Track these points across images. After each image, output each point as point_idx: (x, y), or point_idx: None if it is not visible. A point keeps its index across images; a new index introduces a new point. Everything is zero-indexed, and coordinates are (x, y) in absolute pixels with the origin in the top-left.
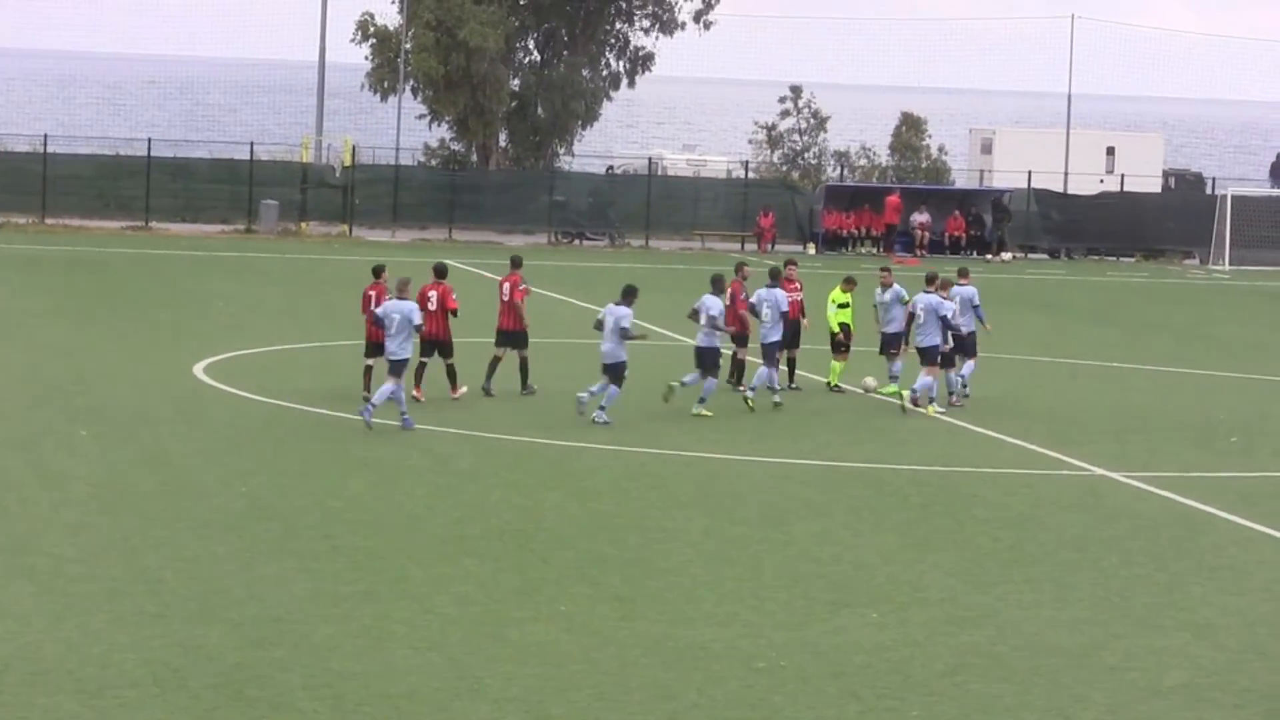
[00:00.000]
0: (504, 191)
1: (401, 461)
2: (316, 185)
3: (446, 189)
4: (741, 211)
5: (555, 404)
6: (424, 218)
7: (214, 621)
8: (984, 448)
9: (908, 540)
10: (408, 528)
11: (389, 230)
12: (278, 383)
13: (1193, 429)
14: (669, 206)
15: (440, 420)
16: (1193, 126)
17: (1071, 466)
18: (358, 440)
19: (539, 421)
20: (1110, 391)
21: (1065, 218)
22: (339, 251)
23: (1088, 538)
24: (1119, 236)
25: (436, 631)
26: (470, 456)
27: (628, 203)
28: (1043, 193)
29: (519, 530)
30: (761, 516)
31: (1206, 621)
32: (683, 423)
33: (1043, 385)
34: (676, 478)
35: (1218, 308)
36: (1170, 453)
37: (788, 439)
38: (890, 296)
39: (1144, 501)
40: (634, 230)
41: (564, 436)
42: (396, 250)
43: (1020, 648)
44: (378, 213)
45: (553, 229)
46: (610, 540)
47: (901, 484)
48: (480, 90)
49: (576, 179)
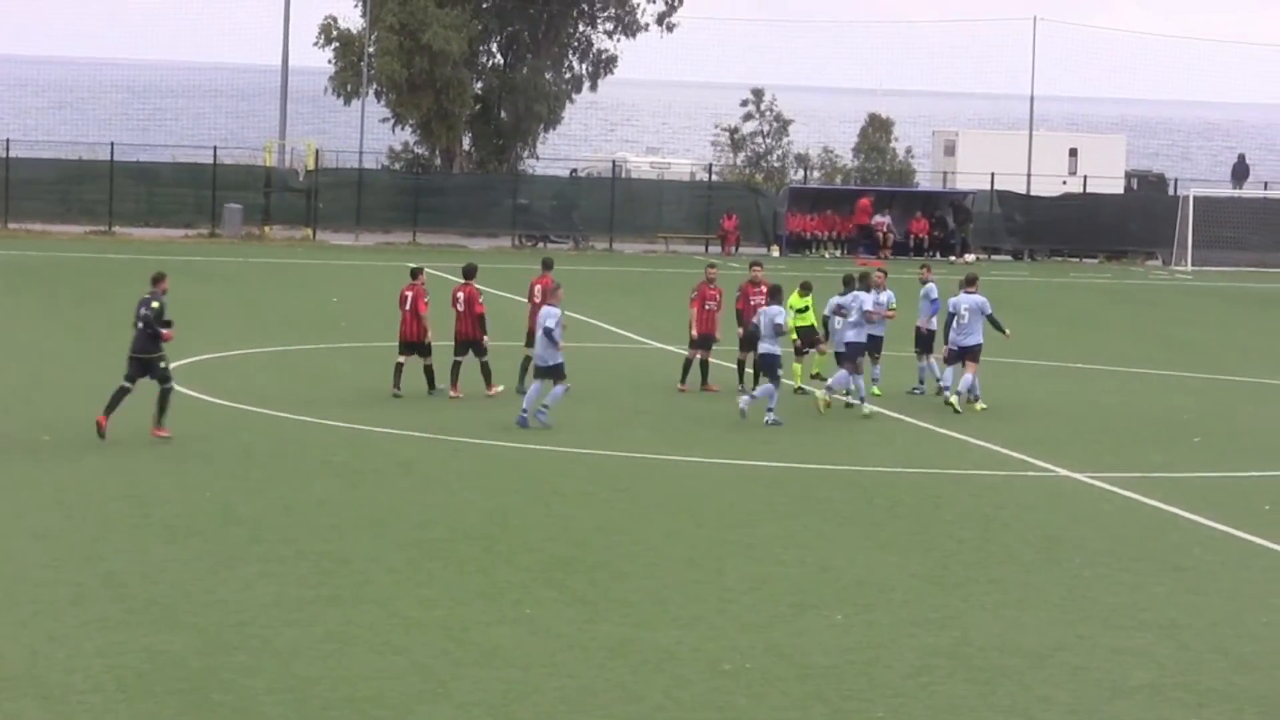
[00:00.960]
0: (468, 195)
1: (366, 465)
2: (280, 189)
3: (410, 192)
4: (705, 214)
5: (518, 409)
6: (388, 221)
7: (178, 627)
8: (949, 449)
9: (873, 542)
10: (372, 532)
11: (353, 234)
12: (242, 387)
13: (1157, 430)
14: (633, 209)
15: (405, 424)
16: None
17: (1036, 468)
18: (322, 444)
19: (504, 425)
20: (1074, 393)
21: (1028, 219)
22: (303, 255)
23: (1052, 539)
24: (1082, 238)
25: (401, 635)
26: (435, 460)
27: (591, 205)
28: (1006, 194)
29: (483, 534)
30: (726, 519)
31: (1170, 621)
32: (646, 426)
33: (1007, 387)
34: (641, 481)
35: (1181, 309)
36: (1134, 453)
37: (752, 441)
38: (923, 293)
39: (1108, 502)
40: (598, 233)
41: (529, 440)
42: (360, 254)
43: (985, 648)
44: (342, 216)
45: (516, 232)
46: (575, 543)
47: (866, 485)
48: (444, 94)
49: (540, 182)
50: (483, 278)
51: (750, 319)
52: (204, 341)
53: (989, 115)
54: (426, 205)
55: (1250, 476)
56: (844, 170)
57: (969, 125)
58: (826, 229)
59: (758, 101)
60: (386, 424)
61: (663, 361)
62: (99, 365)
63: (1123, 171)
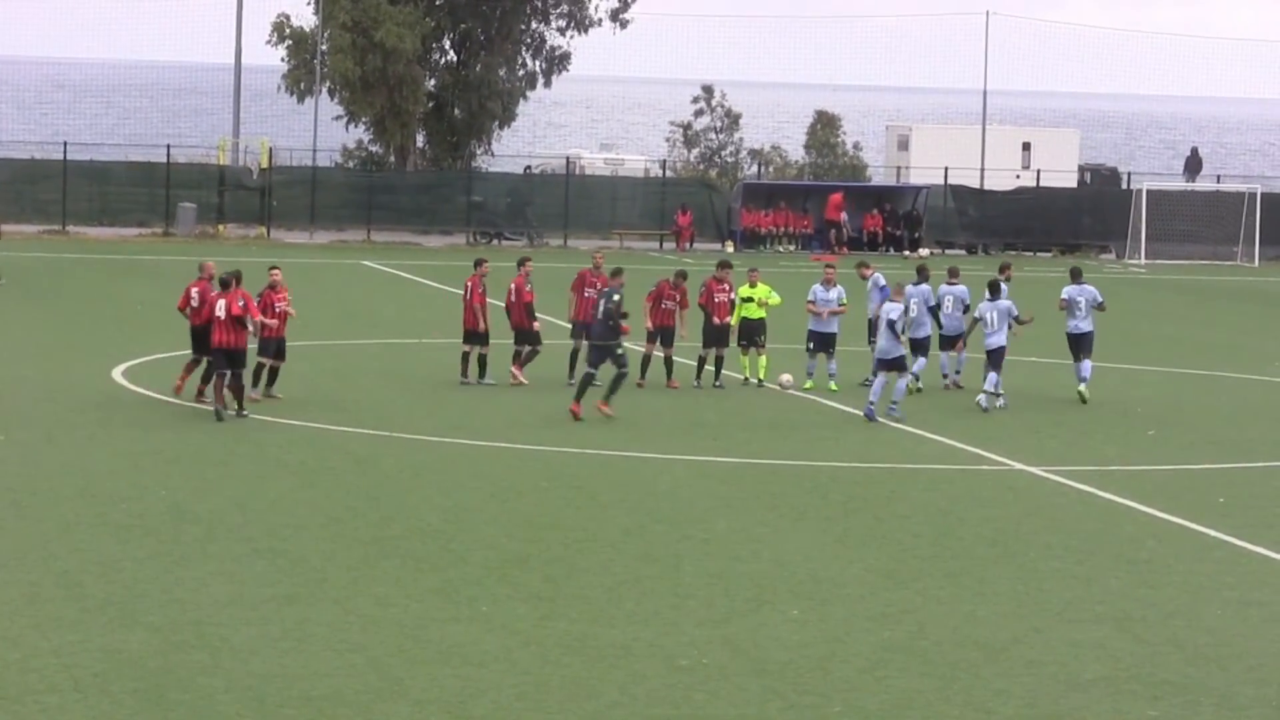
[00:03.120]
0: (422, 192)
1: (321, 463)
2: (234, 188)
3: (364, 190)
4: (659, 210)
5: (475, 404)
6: (342, 219)
7: (134, 626)
8: (904, 444)
9: (828, 537)
10: (328, 529)
11: (307, 232)
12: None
13: (1111, 423)
14: (587, 206)
15: (360, 421)
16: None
17: (991, 462)
18: (277, 442)
19: (460, 422)
20: (1027, 386)
21: (982, 213)
22: (257, 254)
23: (1007, 532)
24: (1035, 231)
25: (357, 633)
26: (390, 458)
27: (546, 202)
28: (959, 189)
29: (439, 531)
30: (681, 514)
31: (1125, 614)
32: (604, 423)
33: (961, 381)
34: (596, 477)
35: (1134, 301)
36: (1088, 447)
37: (707, 436)
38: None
39: (1063, 496)
40: (552, 230)
41: (484, 437)
42: (314, 252)
43: (941, 642)
44: (295, 214)
45: (470, 229)
46: (530, 540)
47: (821, 480)
48: (397, 91)
49: (494, 179)
50: (437, 274)
51: (718, 315)
52: (157, 340)
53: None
54: (380, 203)
55: (1204, 469)
56: (795, 166)
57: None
58: (781, 224)
59: (708, 98)
60: (343, 422)
61: None
62: (53, 364)
63: (1076, 165)
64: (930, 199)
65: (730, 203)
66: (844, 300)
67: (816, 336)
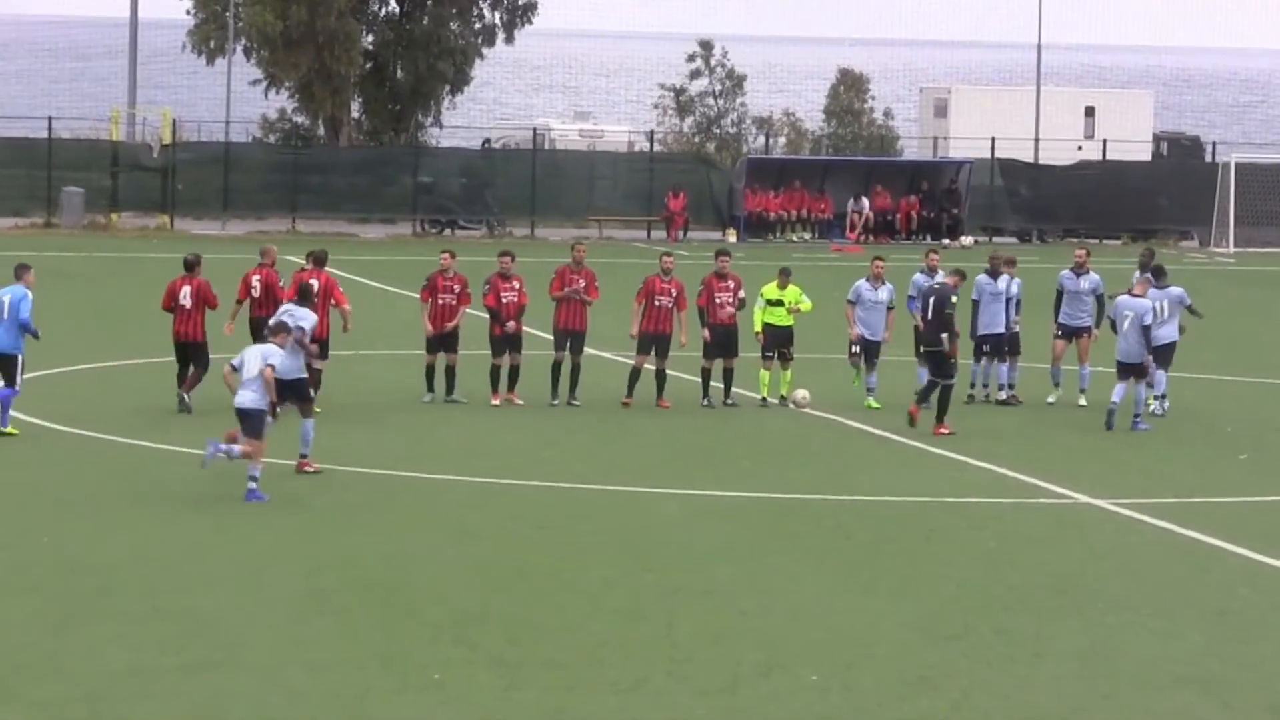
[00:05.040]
0: (358, 172)
1: (239, 502)
2: (130, 168)
3: (288, 170)
4: (647, 192)
5: (425, 430)
6: (261, 206)
7: (13, 700)
8: (944, 472)
9: (853, 585)
10: (248, 582)
11: (219, 221)
12: (87, 409)
13: (1194, 445)
14: (558, 187)
15: (285, 451)
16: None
17: (1049, 493)
18: (187, 477)
19: (407, 450)
20: (1094, 403)
21: (1036, 193)
22: (159, 248)
23: (1070, 579)
24: (1101, 215)
25: (284, 708)
26: (324, 494)
27: (508, 183)
28: (1009, 163)
29: (383, 582)
30: (675, 560)
31: (1212, 676)
32: (581, 450)
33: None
34: (573, 516)
35: (1221, 298)
36: (1167, 474)
37: (708, 466)
38: (1004, 287)
39: (1137, 534)
40: (517, 217)
41: (437, 468)
42: (228, 246)
43: (990, 713)
44: (205, 200)
45: (418, 216)
46: (493, 593)
47: (845, 518)
48: (327, 50)
49: (446, 156)
50: (378, 272)
51: (717, 316)
52: (38, 354)
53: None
54: (308, 186)
55: None
56: (812, 137)
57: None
58: (793, 208)
59: (706, 55)
60: (265, 452)
61: (601, 371)
62: None
63: (1150, 134)
64: (974, 176)
65: (732, 182)
66: (894, 301)
67: (864, 344)
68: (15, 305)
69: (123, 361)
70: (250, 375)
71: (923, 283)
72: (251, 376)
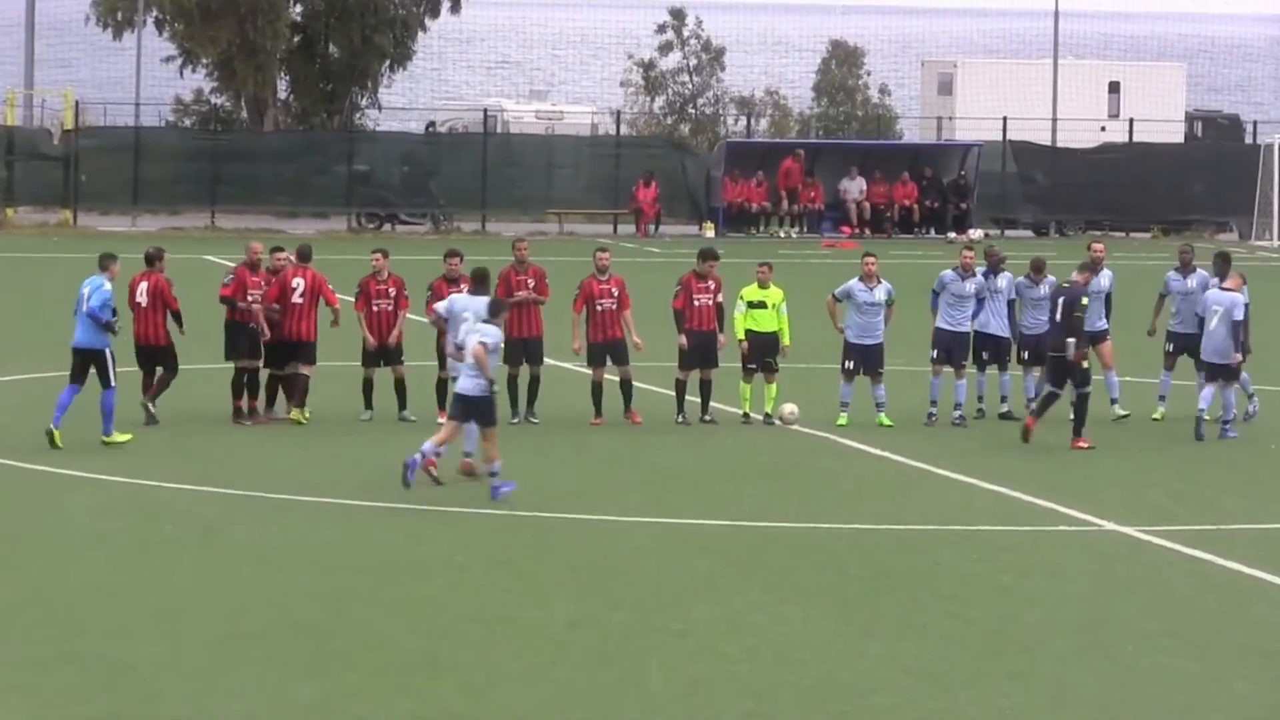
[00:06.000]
0: (286, 160)
1: (151, 533)
2: (27, 157)
3: (207, 158)
4: (612, 181)
5: (363, 451)
6: (177, 198)
7: None
8: (950, 497)
9: (849, 626)
10: (161, 625)
11: (128, 216)
12: None
13: (1234, 466)
14: (512, 176)
15: (204, 475)
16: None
17: (1070, 520)
18: (91, 506)
19: (341, 475)
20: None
21: (1054, 180)
22: (60, 247)
23: (1094, 617)
24: (1128, 205)
25: None
26: (246, 525)
27: (456, 173)
28: (1023, 146)
29: (314, 625)
30: (648, 598)
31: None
32: (539, 473)
33: None
34: (532, 549)
35: (1264, 299)
36: (1203, 498)
37: (684, 491)
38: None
39: (1169, 565)
40: (465, 210)
41: (376, 495)
42: (139, 244)
43: None
44: (113, 193)
45: (354, 210)
46: (441, 636)
47: (840, 550)
48: (250, 22)
49: (385, 141)
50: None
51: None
52: None
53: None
54: (229, 175)
55: None
56: (800, 118)
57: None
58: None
59: (678, 26)
60: (180, 477)
61: (561, 384)
62: None
63: (1182, 112)
64: (983, 161)
65: (710, 169)
66: (893, 297)
67: (857, 351)
68: (91, 297)
69: (16, 377)
70: (469, 361)
71: (949, 279)
72: (470, 363)
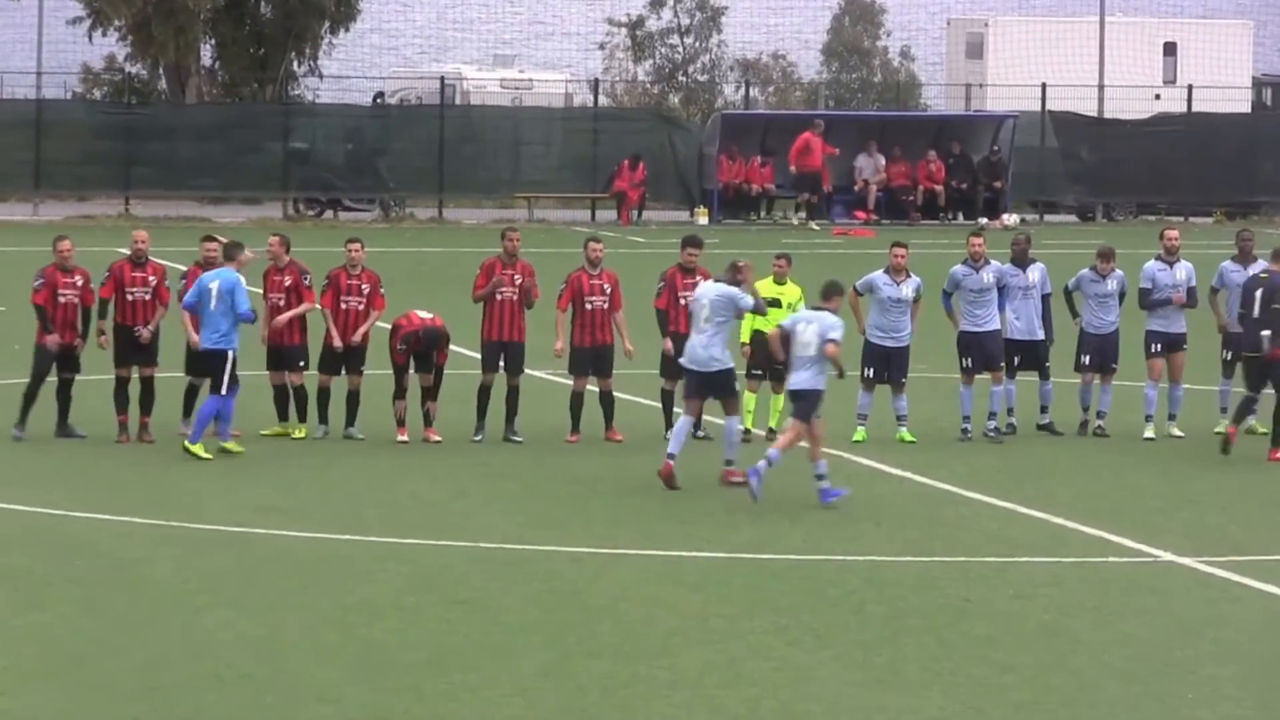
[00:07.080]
0: (211, 138)
1: (56, 571)
2: None
3: (120, 136)
4: (590, 160)
5: (304, 475)
6: (85, 182)
7: None
8: (982, 524)
9: (866, 675)
10: (70, 676)
11: (28, 203)
12: None
13: None
14: (474, 155)
15: (117, 504)
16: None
17: (1122, 549)
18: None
19: (276, 501)
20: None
21: (1102, 157)
22: None
23: (1151, 660)
24: (1186, 185)
25: None
26: (167, 560)
27: (408, 151)
28: (1064, 118)
29: (248, 675)
30: (632, 642)
31: None
32: (506, 499)
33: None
34: (498, 586)
35: None
36: (1272, 523)
37: (672, 518)
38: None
39: (1234, 600)
40: (419, 194)
41: (318, 526)
42: (43, 235)
43: None
44: (11, 176)
45: (290, 195)
46: (394, 688)
47: (855, 586)
48: None
49: (326, 115)
50: None
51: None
52: None
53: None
54: (146, 155)
55: None
56: (807, 86)
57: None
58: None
59: None
60: (90, 505)
61: (534, 395)
62: None
63: (1248, 77)
64: (1019, 135)
65: (703, 146)
66: (922, 293)
67: (877, 355)
68: (228, 293)
69: None
70: (808, 353)
71: (962, 274)
72: (810, 355)
